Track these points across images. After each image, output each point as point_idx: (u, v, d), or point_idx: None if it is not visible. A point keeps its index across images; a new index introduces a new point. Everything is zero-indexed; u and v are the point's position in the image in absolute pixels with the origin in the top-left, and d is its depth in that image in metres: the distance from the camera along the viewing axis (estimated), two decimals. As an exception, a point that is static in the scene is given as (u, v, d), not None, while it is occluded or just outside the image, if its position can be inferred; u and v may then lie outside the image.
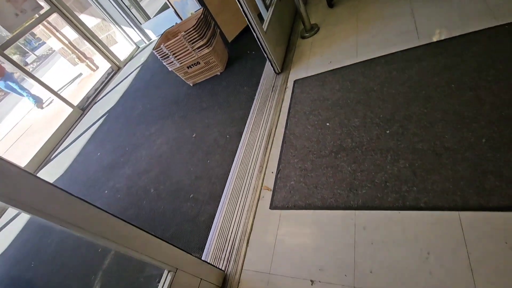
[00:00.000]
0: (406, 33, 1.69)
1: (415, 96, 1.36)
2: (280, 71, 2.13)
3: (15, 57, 11.72)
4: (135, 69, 4.33)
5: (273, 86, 2.06)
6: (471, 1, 1.58)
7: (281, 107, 1.86)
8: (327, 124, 1.54)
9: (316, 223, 1.21)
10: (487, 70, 1.25)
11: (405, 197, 1.09)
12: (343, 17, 2.19)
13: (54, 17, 4.64)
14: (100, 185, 2.40)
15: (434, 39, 1.53)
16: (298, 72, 2.02)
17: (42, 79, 3.85)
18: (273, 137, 1.70)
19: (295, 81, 1.96)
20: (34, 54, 14.19)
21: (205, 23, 2.46)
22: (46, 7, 4.00)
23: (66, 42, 5.48)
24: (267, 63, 2.35)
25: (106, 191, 2.28)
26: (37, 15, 3.90)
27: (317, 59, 2.00)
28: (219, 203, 1.57)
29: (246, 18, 1.80)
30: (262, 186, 1.50)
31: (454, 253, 0.90)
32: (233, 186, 1.60)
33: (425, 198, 1.05)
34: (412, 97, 1.36)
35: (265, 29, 1.93)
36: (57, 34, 5.32)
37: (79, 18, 4.45)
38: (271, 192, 1.44)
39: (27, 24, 3.74)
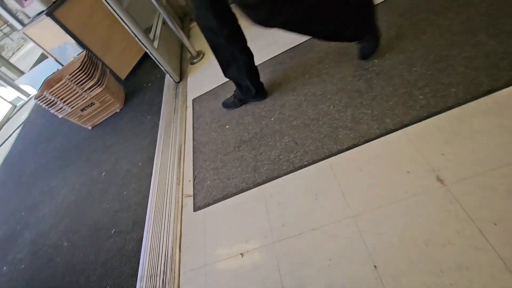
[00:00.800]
0: (269, 46, 2.13)
1: (285, 88, 1.73)
2: (179, 79, 2.40)
3: None
4: (16, 129, 3.79)
5: (175, 109, 2.21)
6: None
7: (185, 124, 2.01)
8: (227, 126, 1.77)
9: (235, 207, 1.38)
10: (324, 60, 1.72)
11: (294, 162, 1.38)
12: (222, 42, 2.56)
13: None
14: (-6, 265, 1.99)
15: (289, 47, 1.99)
16: (194, 92, 2.23)
17: None
18: (184, 151, 1.83)
19: (193, 100, 2.16)
20: None
21: (92, 64, 2.45)
22: None
23: None
24: (165, 91, 2.50)
25: (4, 268, 1.91)
26: None
27: (208, 78, 2.27)
28: (144, 226, 1.57)
29: (135, 37, 1.97)
30: (183, 195, 1.59)
31: (331, 188, 1.21)
32: (156, 206, 1.63)
33: (306, 158, 1.36)
34: (283, 89, 1.73)
35: (156, 47, 2.14)
36: None
37: None
38: (192, 198, 1.55)
39: None
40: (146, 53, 3.11)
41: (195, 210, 1.49)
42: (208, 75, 2.30)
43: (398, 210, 1.03)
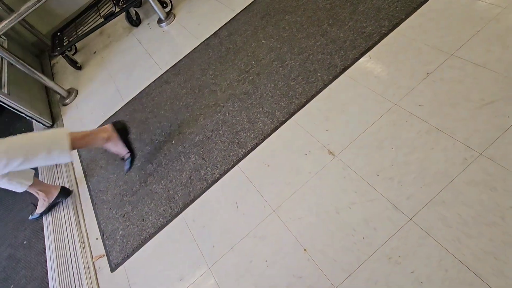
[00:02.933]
0: (151, 68, 2.02)
1: (177, 108, 1.67)
2: (51, 123, 2.10)
3: None
4: None
5: (57, 164, 1.85)
6: (180, 34, 2.12)
7: (74, 175, 1.71)
8: (126, 163, 1.59)
9: (159, 246, 1.25)
10: (208, 72, 1.74)
11: (206, 179, 1.34)
12: (95, 74, 2.29)
13: None
14: None
15: (170, 65, 1.93)
16: (76, 136, 1.92)
17: None
18: (81, 206, 1.55)
19: (77, 146, 1.85)
20: None
21: None
22: None
23: None
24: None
25: None
26: None
27: (88, 116, 1.99)
28: (51, 316, 1.26)
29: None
30: (93, 258, 1.34)
31: (248, 191, 1.22)
32: (60, 284, 1.32)
33: (217, 170, 1.34)
34: (176, 109, 1.67)
35: (6, 92, 1.77)
36: None
37: None
38: (105, 257, 1.32)
39: None
40: (-3, 107, 2.52)
41: (113, 269, 1.27)
42: (88, 112, 2.02)
43: (308, 191, 1.12)
